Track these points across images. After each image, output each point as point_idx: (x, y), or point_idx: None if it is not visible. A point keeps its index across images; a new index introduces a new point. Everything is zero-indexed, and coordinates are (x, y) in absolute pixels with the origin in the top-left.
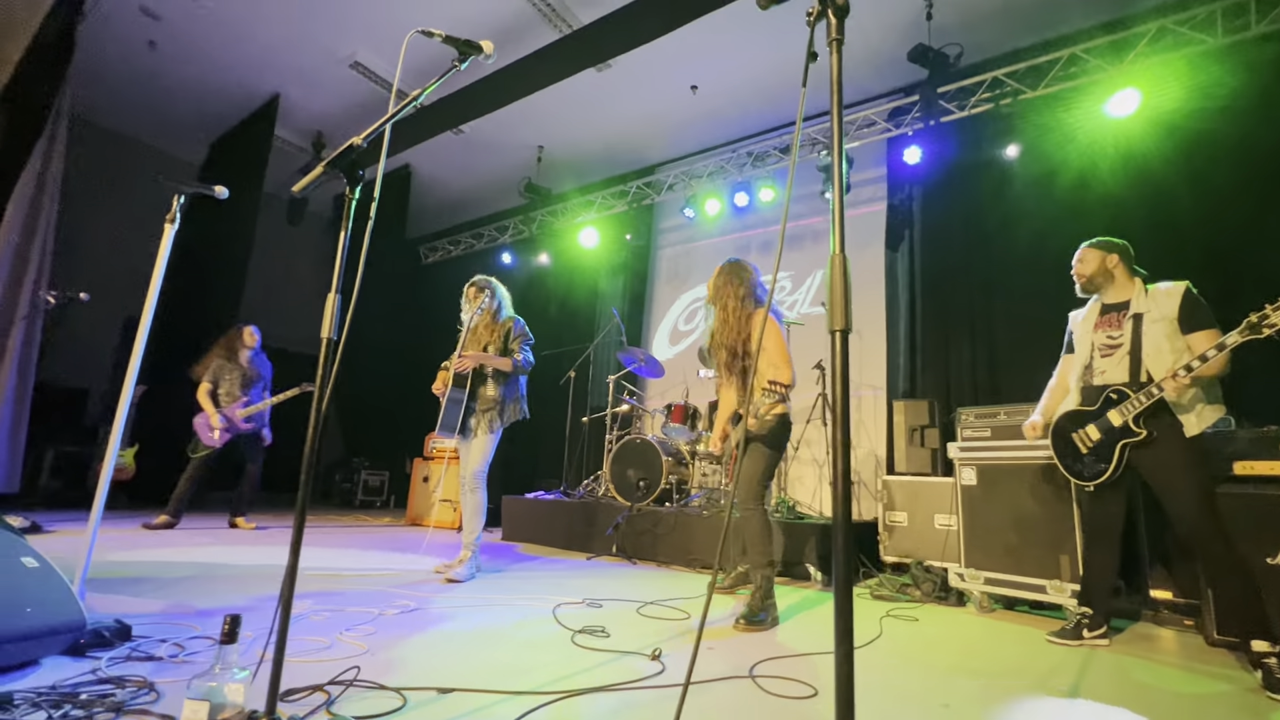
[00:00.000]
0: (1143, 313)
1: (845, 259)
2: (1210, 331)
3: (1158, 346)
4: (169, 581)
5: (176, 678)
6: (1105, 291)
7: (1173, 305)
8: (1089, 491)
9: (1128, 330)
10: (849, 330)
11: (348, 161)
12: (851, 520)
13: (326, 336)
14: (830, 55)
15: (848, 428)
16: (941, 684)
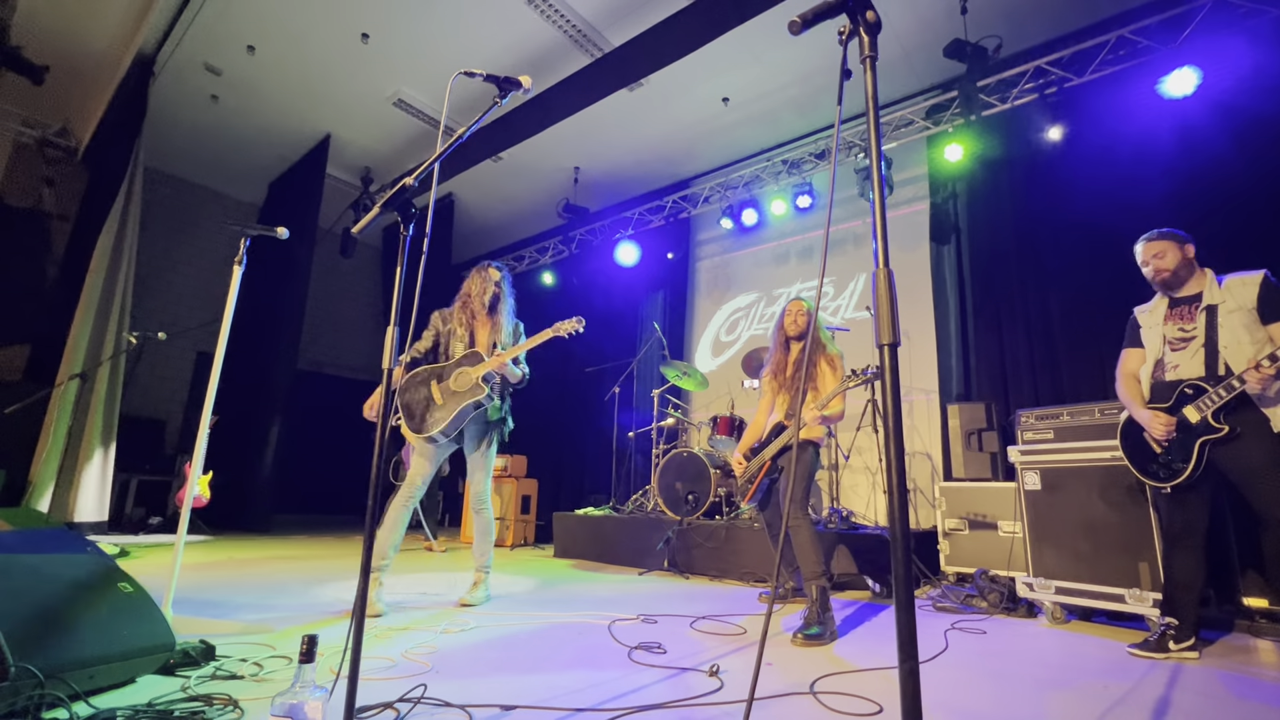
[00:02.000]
0: (1217, 304)
1: (890, 273)
2: None
3: (1236, 338)
4: (245, 603)
5: (258, 695)
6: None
7: (1251, 294)
8: (1166, 494)
9: (1201, 322)
10: (898, 344)
11: (401, 200)
12: (910, 532)
13: (387, 367)
14: (865, 73)
15: (901, 441)
16: (1015, 701)
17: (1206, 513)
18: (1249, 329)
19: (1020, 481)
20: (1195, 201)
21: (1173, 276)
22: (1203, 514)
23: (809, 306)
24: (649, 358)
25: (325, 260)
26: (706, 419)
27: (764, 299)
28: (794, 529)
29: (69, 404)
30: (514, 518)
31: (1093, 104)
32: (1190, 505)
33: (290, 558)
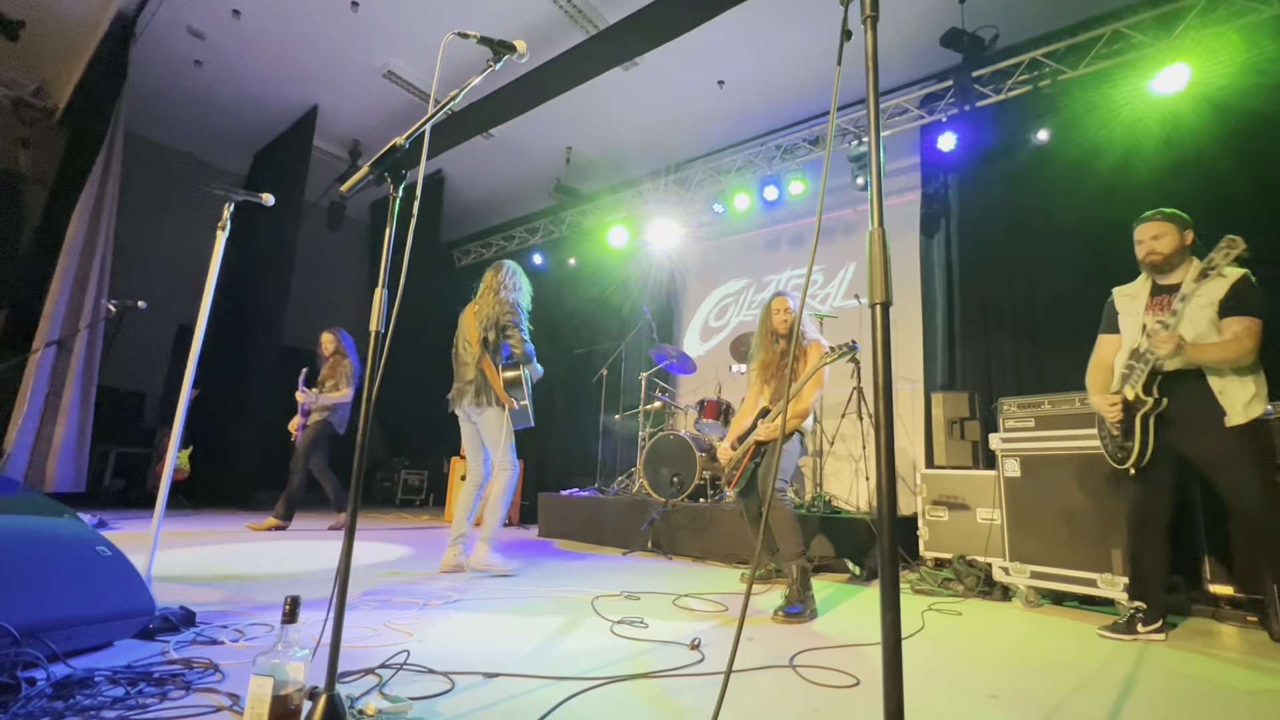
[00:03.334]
0: (1188, 295)
1: (884, 232)
2: (1250, 320)
3: (1198, 330)
4: (226, 574)
5: (238, 660)
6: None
7: (1222, 290)
8: (1130, 476)
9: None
10: (889, 303)
11: (391, 162)
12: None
13: (375, 329)
14: (865, 33)
15: (890, 405)
16: (988, 676)
17: (1169, 499)
18: (1212, 323)
19: (1000, 469)
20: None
21: (1164, 261)
22: (1165, 498)
23: (791, 303)
24: (637, 341)
25: (312, 234)
26: (693, 403)
27: (754, 285)
28: (773, 511)
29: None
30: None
31: (1085, 98)
32: (1153, 490)
33: (273, 531)
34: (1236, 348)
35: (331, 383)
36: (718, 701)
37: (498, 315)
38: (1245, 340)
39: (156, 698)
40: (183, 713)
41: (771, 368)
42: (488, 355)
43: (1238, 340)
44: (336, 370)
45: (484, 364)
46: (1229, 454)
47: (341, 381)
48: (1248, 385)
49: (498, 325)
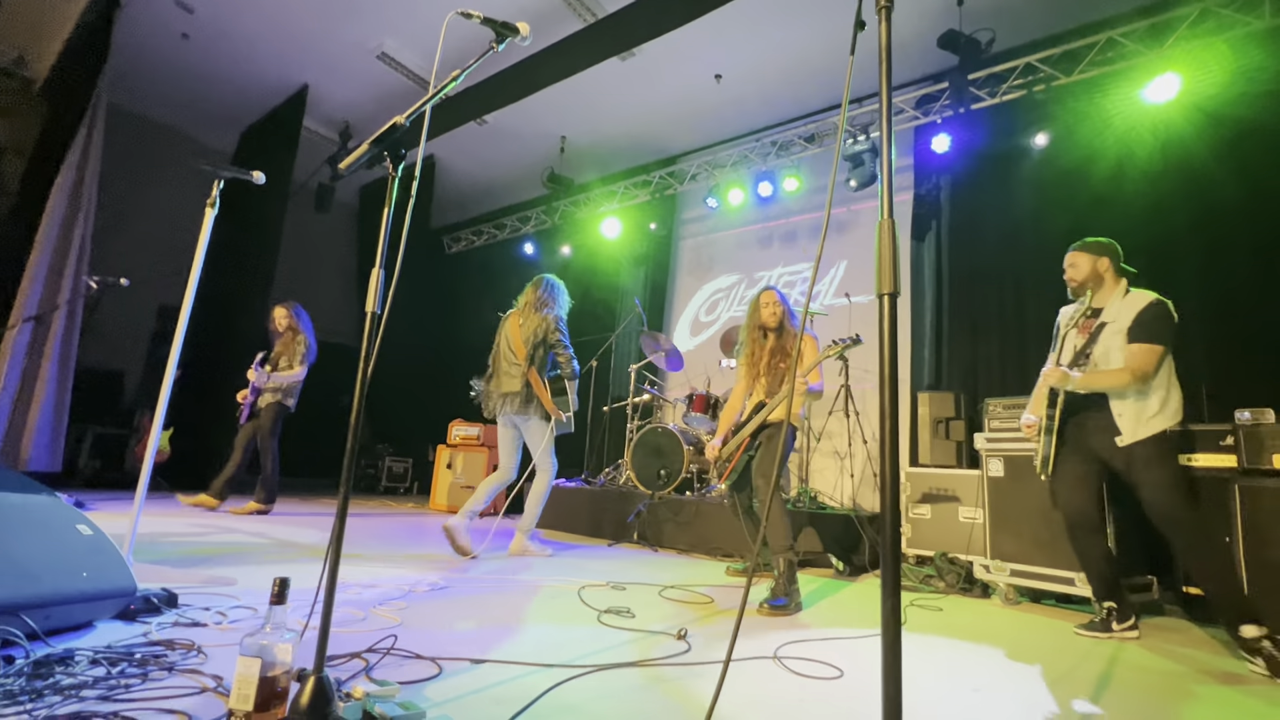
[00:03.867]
0: (1107, 322)
1: (894, 223)
2: (1148, 346)
3: (1108, 357)
4: (209, 557)
5: (222, 642)
6: (1095, 294)
7: (1132, 314)
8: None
9: (1091, 337)
10: (898, 294)
11: (392, 140)
12: (900, 493)
13: (371, 310)
14: (879, 23)
15: (896, 396)
16: (970, 670)
17: (1088, 499)
18: (1121, 349)
19: (984, 468)
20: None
21: (1079, 286)
22: (1083, 500)
23: (781, 296)
24: (628, 333)
25: (299, 216)
26: (682, 396)
27: (745, 281)
28: (764, 504)
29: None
30: None
31: (1079, 104)
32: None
33: (255, 515)
34: (1126, 375)
35: (285, 360)
36: (716, 690)
37: (545, 333)
38: (1137, 367)
39: (139, 678)
40: (166, 694)
41: (759, 363)
42: (534, 369)
43: (1129, 368)
44: (290, 347)
45: (532, 377)
46: (1133, 466)
47: (295, 360)
48: (1149, 405)
49: (545, 342)
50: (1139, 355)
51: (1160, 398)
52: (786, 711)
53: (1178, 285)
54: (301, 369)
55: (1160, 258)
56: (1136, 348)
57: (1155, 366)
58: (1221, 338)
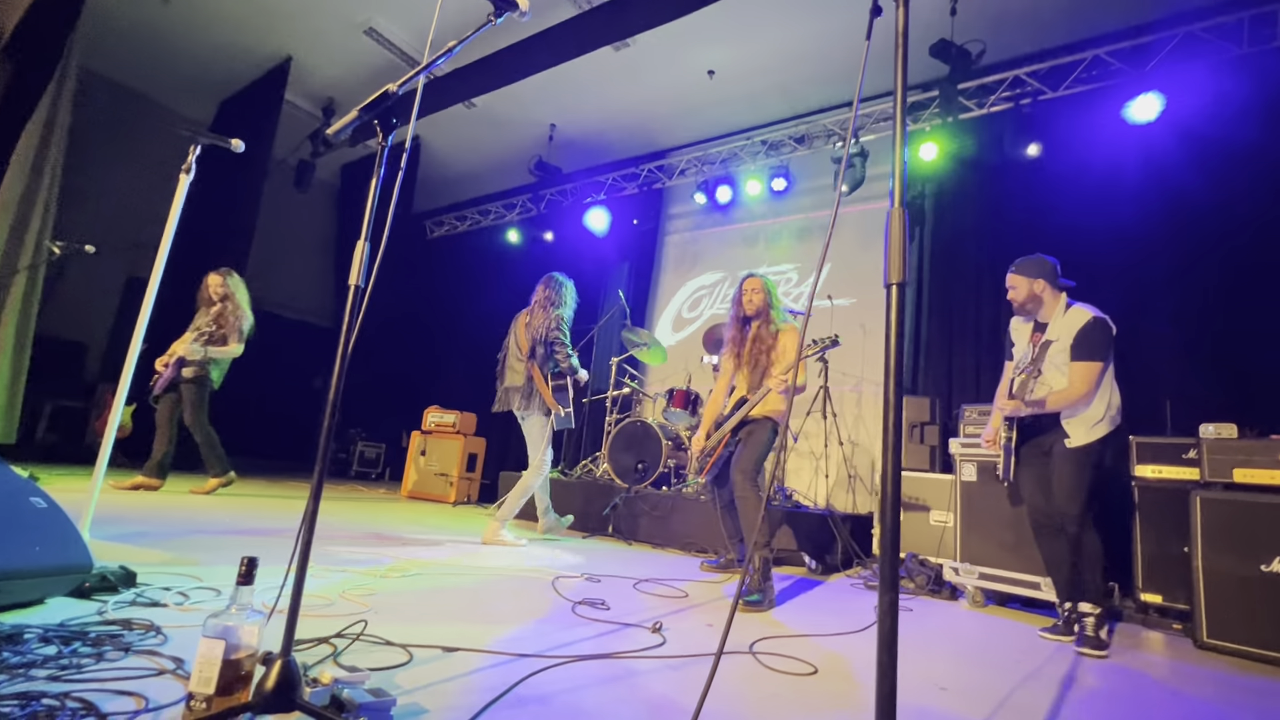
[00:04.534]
0: (1052, 340)
1: (905, 212)
2: (1088, 365)
3: (1053, 371)
4: (172, 535)
5: (182, 624)
6: (1039, 311)
7: (1073, 330)
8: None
9: (1039, 353)
10: (906, 284)
11: (383, 109)
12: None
13: (355, 284)
14: (896, 10)
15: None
16: (937, 669)
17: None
18: (1062, 368)
19: (958, 472)
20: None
21: (1020, 308)
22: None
23: (766, 284)
24: (609, 326)
25: (277, 192)
26: (662, 391)
27: (729, 279)
28: (742, 500)
29: None
30: (459, 475)
31: (1064, 119)
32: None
33: (221, 495)
34: (1070, 394)
35: (220, 334)
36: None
37: (546, 330)
38: (1079, 386)
39: (92, 658)
40: (120, 675)
41: (742, 352)
42: (536, 365)
43: (1072, 387)
44: (225, 320)
45: (533, 372)
46: (1065, 457)
47: (232, 335)
48: (1094, 413)
49: (545, 340)
50: (1081, 373)
51: (1103, 405)
52: (762, 707)
53: (1151, 297)
54: (239, 347)
55: (1136, 271)
56: (1079, 366)
57: (1096, 382)
58: (1189, 352)
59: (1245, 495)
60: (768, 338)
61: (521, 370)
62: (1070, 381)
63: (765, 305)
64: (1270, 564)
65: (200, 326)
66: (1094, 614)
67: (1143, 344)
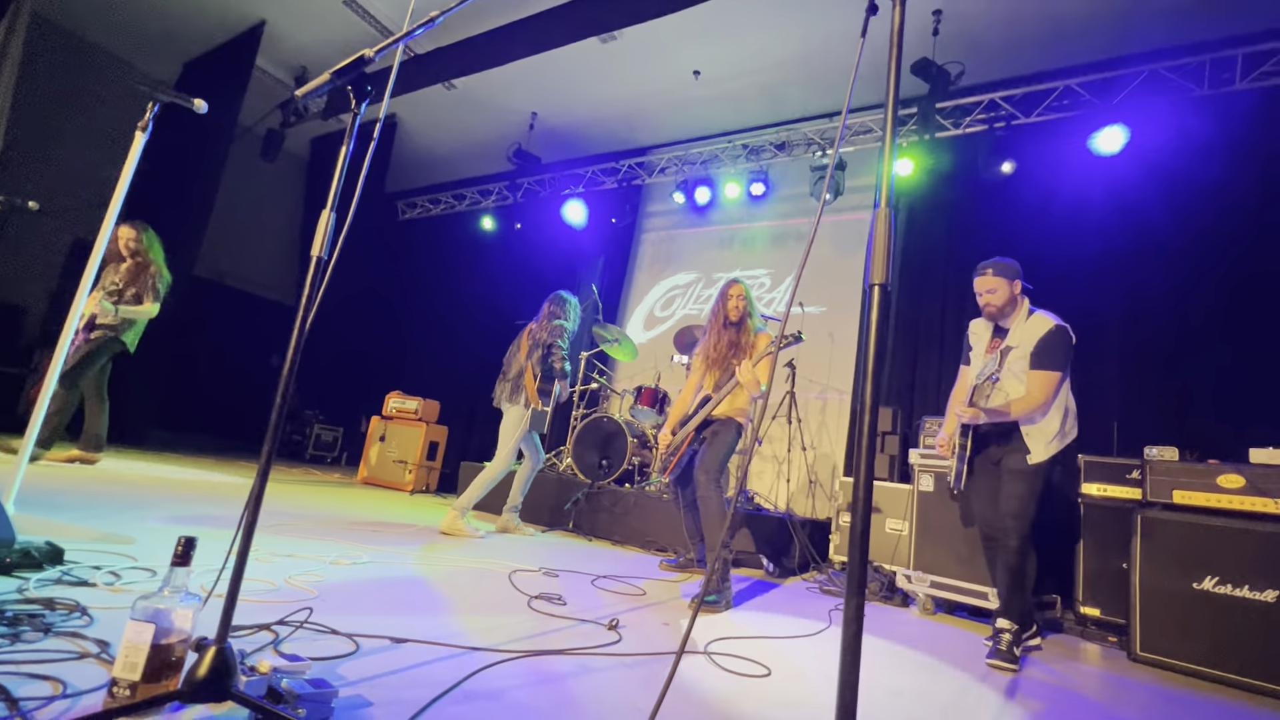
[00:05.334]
0: (1013, 346)
1: (892, 213)
2: (1047, 374)
3: (1012, 379)
4: (108, 512)
5: (111, 605)
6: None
7: (1034, 338)
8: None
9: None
10: (889, 285)
11: (357, 74)
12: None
13: (317, 254)
14: (893, 9)
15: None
16: (890, 674)
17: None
18: (1020, 375)
19: (916, 482)
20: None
21: (999, 312)
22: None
23: (748, 291)
24: (581, 320)
25: (242, 161)
26: (631, 388)
27: (703, 280)
28: (704, 500)
29: None
30: (418, 463)
31: (1034, 145)
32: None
33: (165, 473)
34: (1029, 403)
35: (132, 292)
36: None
37: (548, 334)
38: (1038, 395)
39: (7, 639)
40: (38, 657)
41: (715, 354)
42: (531, 362)
43: (1030, 396)
44: (139, 277)
45: (525, 367)
46: (1019, 471)
47: (147, 294)
48: (1052, 426)
49: (546, 343)
50: (1040, 382)
51: (1060, 418)
52: (716, 707)
53: (1106, 320)
54: (155, 306)
55: (1094, 293)
56: (1039, 375)
57: (1055, 393)
58: (1138, 374)
59: (1182, 515)
60: (744, 344)
61: (515, 367)
62: (1029, 390)
63: (746, 313)
64: (1202, 582)
65: (108, 284)
66: (1010, 630)
67: (1095, 364)
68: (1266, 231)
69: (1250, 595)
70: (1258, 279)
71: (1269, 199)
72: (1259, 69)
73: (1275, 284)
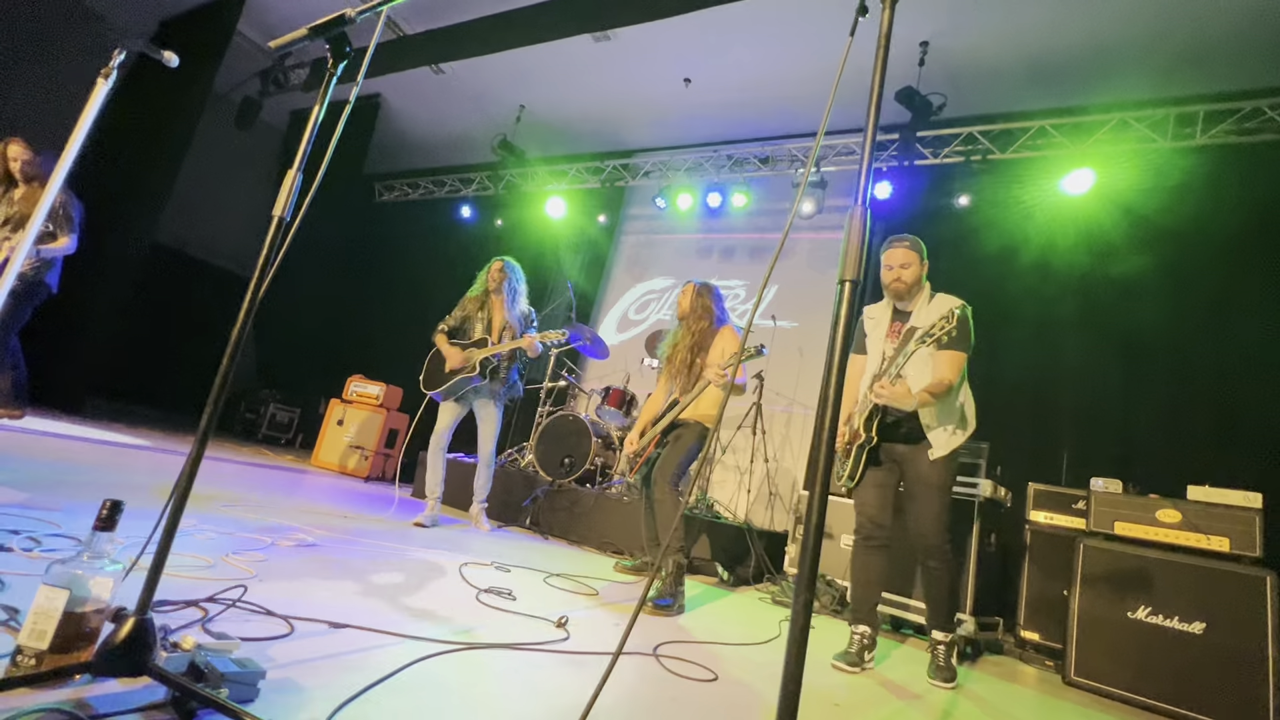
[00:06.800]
0: (918, 327)
1: (867, 211)
2: (955, 354)
3: (919, 367)
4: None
5: (28, 572)
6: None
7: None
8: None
9: (902, 342)
10: (859, 282)
11: (336, 32)
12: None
13: (279, 215)
14: (883, 11)
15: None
16: (833, 686)
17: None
18: (927, 359)
19: None
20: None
21: (907, 291)
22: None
23: (698, 288)
24: (553, 316)
25: (216, 129)
26: (599, 388)
27: (679, 287)
28: (659, 503)
29: None
30: (375, 450)
31: (1006, 181)
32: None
33: (99, 442)
34: (942, 385)
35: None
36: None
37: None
38: (950, 375)
39: None
40: None
41: (676, 356)
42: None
43: (942, 378)
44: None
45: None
46: (928, 481)
47: (61, 226)
48: (954, 417)
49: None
50: (951, 362)
51: (961, 410)
52: (659, 709)
53: (1062, 351)
54: (70, 240)
55: (1052, 325)
56: (948, 356)
57: (961, 374)
58: (1089, 407)
59: (1122, 546)
60: (705, 344)
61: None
62: (939, 373)
63: (696, 308)
64: (1136, 611)
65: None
66: (945, 642)
67: (1049, 395)
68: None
69: (1180, 626)
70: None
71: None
72: (1218, 125)
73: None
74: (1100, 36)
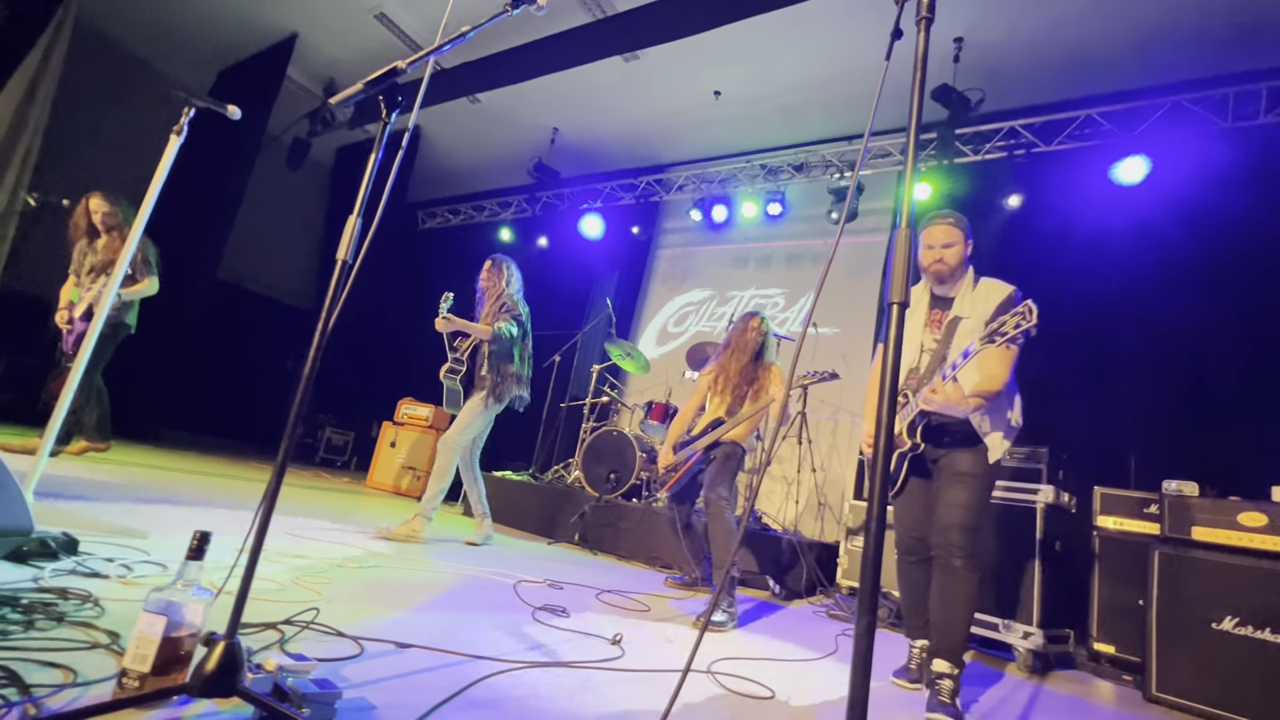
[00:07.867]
0: (962, 318)
1: (910, 233)
2: (1007, 350)
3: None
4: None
5: (122, 597)
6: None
7: (989, 309)
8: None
9: (945, 335)
10: (906, 304)
11: (389, 84)
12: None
13: (342, 258)
14: (917, 34)
15: (894, 408)
16: (892, 700)
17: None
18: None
19: None
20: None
21: (950, 274)
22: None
23: (765, 325)
24: (594, 333)
25: (269, 168)
26: (641, 403)
27: (717, 298)
28: (712, 518)
29: None
30: (426, 469)
31: (1054, 174)
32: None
33: (178, 471)
34: (993, 385)
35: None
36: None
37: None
38: (1001, 374)
39: (20, 626)
40: (51, 645)
41: (728, 382)
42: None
43: (993, 377)
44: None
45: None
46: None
47: (141, 270)
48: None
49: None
50: (1002, 360)
51: (1013, 409)
52: None
53: (1123, 352)
54: (153, 282)
55: (1112, 324)
56: (998, 352)
57: (1010, 369)
58: (1156, 407)
59: (1202, 553)
60: (759, 378)
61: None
62: (988, 371)
63: (761, 347)
64: (1221, 622)
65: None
66: (951, 675)
67: (1113, 395)
68: None
69: (1271, 638)
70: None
71: None
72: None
73: None
74: (1144, 17)
